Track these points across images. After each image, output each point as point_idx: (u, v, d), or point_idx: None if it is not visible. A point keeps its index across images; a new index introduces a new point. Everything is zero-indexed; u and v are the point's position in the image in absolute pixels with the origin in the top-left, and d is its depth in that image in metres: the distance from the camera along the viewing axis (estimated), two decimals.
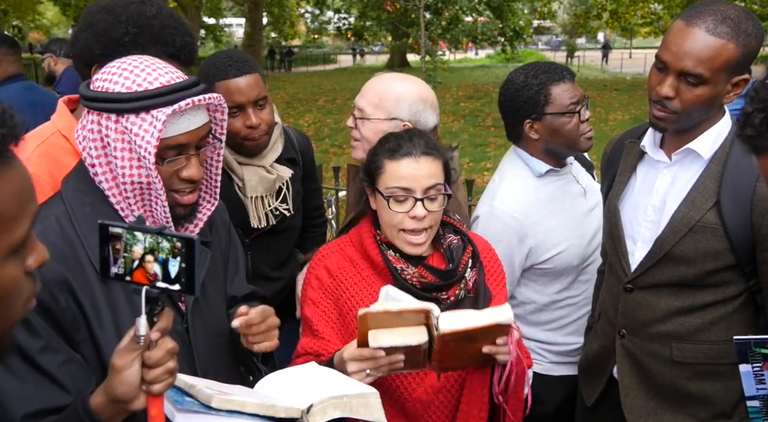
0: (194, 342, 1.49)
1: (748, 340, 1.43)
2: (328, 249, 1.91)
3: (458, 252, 1.83)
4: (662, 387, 1.91)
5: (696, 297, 1.82)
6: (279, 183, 2.36)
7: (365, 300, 1.79)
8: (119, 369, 1.12)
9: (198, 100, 1.37)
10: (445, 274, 1.79)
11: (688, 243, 1.77)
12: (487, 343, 1.58)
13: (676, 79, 1.71)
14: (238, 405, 1.28)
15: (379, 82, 2.19)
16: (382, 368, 1.58)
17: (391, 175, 1.74)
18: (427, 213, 1.74)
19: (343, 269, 1.84)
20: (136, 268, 1.12)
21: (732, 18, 1.66)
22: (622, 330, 1.95)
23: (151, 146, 1.32)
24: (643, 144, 1.93)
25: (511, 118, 2.27)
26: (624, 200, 1.98)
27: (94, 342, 1.35)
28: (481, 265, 1.85)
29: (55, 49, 5.36)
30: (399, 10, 12.59)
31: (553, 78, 2.19)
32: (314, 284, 1.86)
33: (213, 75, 2.20)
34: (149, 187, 1.38)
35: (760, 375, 1.44)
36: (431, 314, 1.53)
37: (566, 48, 39.37)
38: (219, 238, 1.65)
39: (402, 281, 1.76)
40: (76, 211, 1.38)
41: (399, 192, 1.73)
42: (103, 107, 1.35)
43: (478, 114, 16.07)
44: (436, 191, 1.75)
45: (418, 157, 1.74)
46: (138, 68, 1.37)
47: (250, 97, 2.19)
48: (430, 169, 1.74)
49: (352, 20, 37.45)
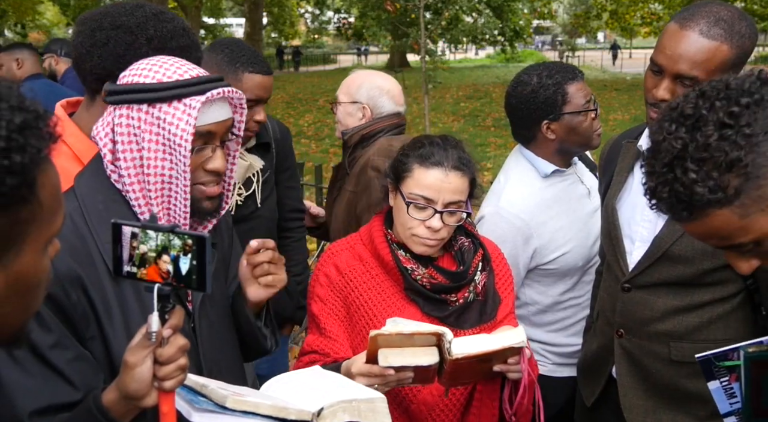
0: (201, 342, 1.51)
1: (709, 356, 1.39)
2: (338, 246, 1.91)
3: (469, 255, 1.82)
4: (661, 386, 1.92)
5: (694, 296, 1.83)
6: (249, 172, 2.42)
7: (374, 299, 1.79)
8: (131, 366, 1.14)
9: (228, 90, 1.41)
10: (455, 276, 1.78)
11: (686, 243, 1.79)
12: (499, 362, 1.59)
13: (672, 81, 1.72)
14: (252, 406, 1.29)
15: (351, 75, 2.64)
16: (391, 383, 1.58)
17: (417, 181, 1.73)
18: (443, 225, 1.73)
19: (352, 267, 1.84)
20: (149, 266, 1.14)
21: (725, 19, 1.67)
22: (620, 330, 1.96)
23: (187, 134, 1.35)
24: (640, 144, 1.94)
25: (527, 120, 2.25)
26: (621, 200, 1.99)
27: (103, 339, 1.36)
28: (491, 269, 1.85)
29: (56, 49, 5.42)
30: (399, 10, 12.60)
31: (568, 77, 2.20)
32: (323, 281, 1.85)
33: (243, 64, 2.27)
34: (171, 181, 1.39)
35: (729, 390, 1.41)
36: (444, 338, 1.54)
37: (564, 47, 39.30)
38: (222, 239, 1.67)
39: (412, 281, 1.76)
40: (89, 207, 1.40)
41: (420, 200, 1.72)
42: (133, 98, 1.37)
43: (478, 114, 16.08)
44: (457, 207, 1.74)
45: (448, 170, 1.72)
46: (167, 63, 1.41)
47: (267, 96, 2.36)
48: (457, 184, 1.73)
49: (352, 20, 37.41)
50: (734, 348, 1.37)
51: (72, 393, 1.26)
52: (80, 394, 1.27)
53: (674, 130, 1.10)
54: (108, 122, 1.42)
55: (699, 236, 1.17)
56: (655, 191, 1.13)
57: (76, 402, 1.25)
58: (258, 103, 2.32)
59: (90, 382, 1.29)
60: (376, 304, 1.79)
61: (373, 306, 1.79)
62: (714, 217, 1.09)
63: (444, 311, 1.77)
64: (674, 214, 1.14)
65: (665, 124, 1.13)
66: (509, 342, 1.53)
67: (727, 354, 1.37)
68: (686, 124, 1.10)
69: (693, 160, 1.07)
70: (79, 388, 1.27)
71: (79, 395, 1.26)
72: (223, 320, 1.62)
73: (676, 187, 1.09)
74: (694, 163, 1.07)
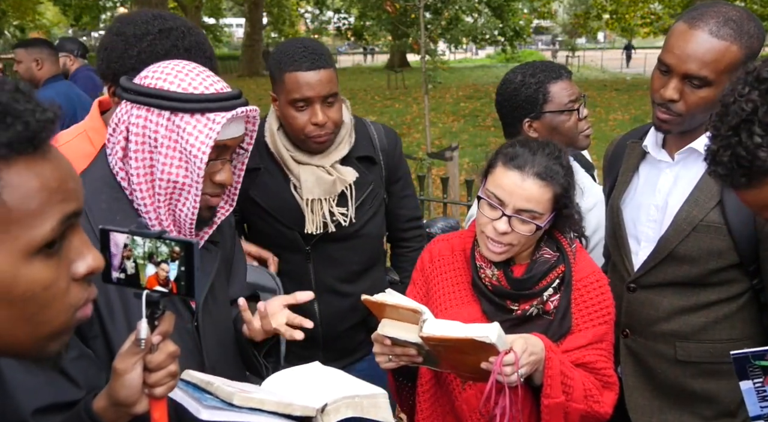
0: (204, 340, 1.51)
1: (746, 354, 1.31)
2: (443, 236, 1.95)
3: (543, 267, 1.73)
4: (666, 386, 1.92)
5: (700, 296, 1.83)
6: (341, 186, 2.16)
7: (446, 288, 1.82)
8: (121, 373, 1.13)
9: (249, 110, 1.43)
10: (517, 283, 1.72)
11: (692, 243, 1.78)
12: (483, 359, 1.52)
13: (680, 81, 1.72)
14: (258, 402, 1.29)
15: None
16: (402, 357, 1.60)
17: (495, 179, 1.69)
18: (510, 230, 1.66)
19: (442, 256, 1.87)
20: (136, 273, 1.12)
21: (734, 20, 1.67)
22: (626, 330, 1.96)
23: (206, 146, 1.37)
24: (645, 144, 1.94)
25: (509, 117, 2.27)
26: (627, 200, 1.98)
27: (106, 339, 1.36)
28: (569, 290, 1.74)
29: (72, 48, 5.52)
30: (399, 10, 12.58)
31: (551, 76, 2.19)
32: (418, 266, 1.92)
33: (284, 64, 2.06)
34: (182, 188, 1.41)
35: (762, 392, 1.33)
36: (420, 317, 1.53)
37: (556, 47, 39.21)
38: (224, 239, 1.67)
39: (477, 279, 1.75)
40: (92, 206, 1.40)
41: (493, 199, 1.68)
42: (156, 103, 1.37)
43: (478, 114, 16.07)
44: (530, 217, 1.66)
45: (528, 176, 1.64)
46: (193, 72, 1.42)
47: (320, 93, 2.05)
48: (533, 193, 1.64)
49: (352, 20, 37.43)
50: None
51: (75, 392, 1.26)
52: (83, 393, 1.26)
53: (747, 92, 1.08)
54: (123, 120, 1.41)
55: (753, 206, 1.14)
56: (716, 154, 1.10)
57: (79, 400, 1.24)
58: (310, 104, 2.06)
59: (93, 381, 1.29)
60: (446, 293, 1.82)
61: (444, 295, 1.82)
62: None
63: (502, 317, 1.71)
64: (732, 180, 1.10)
65: (738, 86, 1.10)
66: (472, 333, 1.47)
67: (765, 354, 1.31)
68: (760, 87, 1.07)
69: (761, 124, 1.04)
70: (82, 387, 1.27)
71: (82, 393, 1.26)
72: (227, 319, 1.62)
73: (738, 151, 1.06)
74: (762, 127, 1.04)
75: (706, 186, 1.78)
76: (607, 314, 1.77)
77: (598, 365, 1.73)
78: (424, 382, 1.83)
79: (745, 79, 1.10)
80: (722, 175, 1.12)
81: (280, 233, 2.21)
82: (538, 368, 1.60)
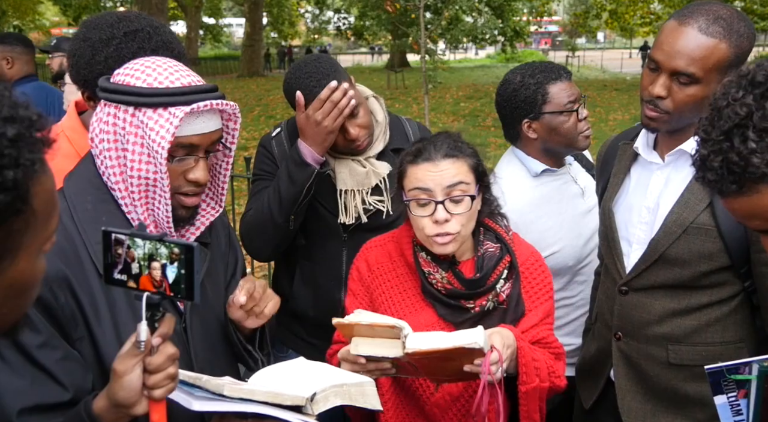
0: (192, 342, 1.50)
1: (720, 368, 1.29)
2: (373, 242, 1.93)
3: (491, 262, 1.77)
4: (659, 389, 1.91)
5: (691, 299, 1.82)
6: (376, 179, 2.22)
7: (395, 297, 1.81)
8: (120, 375, 1.14)
9: (216, 103, 1.39)
10: (471, 283, 1.74)
11: (683, 245, 1.78)
12: (467, 362, 1.54)
13: (669, 78, 1.71)
14: (248, 393, 1.31)
15: None
16: (375, 372, 1.59)
17: (411, 179, 1.71)
18: (450, 216, 1.67)
19: (380, 263, 1.86)
20: (140, 274, 1.13)
21: (724, 18, 1.67)
22: (618, 333, 1.95)
23: (165, 141, 1.33)
24: (636, 145, 1.93)
25: (508, 118, 2.27)
26: (618, 202, 1.98)
27: (92, 340, 1.35)
28: (518, 277, 1.79)
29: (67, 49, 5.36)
30: (399, 10, 12.59)
31: (550, 77, 2.19)
32: (354, 276, 1.90)
33: (300, 87, 2.10)
34: (155, 184, 1.39)
35: (736, 406, 1.32)
36: (401, 332, 1.53)
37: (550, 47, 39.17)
38: (218, 240, 1.66)
39: (428, 285, 1.75)
40: (77, 207, 1.39)
41: (420, 194, 1.69)
42: (121, 99, 1.37)
43: (478, 114, 16.07)
44: (461, 191, 1.67)
45: (438, 160, 1.69)
46: (161, 67, 1.39)
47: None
48: (451, 170, 1.68)
49: (352, 20, 37.45)
50: (747, 361, 1.30)
51: (61, 393, 1.26)
52: (69, 394, 1.26)
53: (741, 96, 1.04)
54: (99, 118, 1.41)
55: (741, 214, 1.10)
56: (706, 160, 1.06)
57: (65, 402, 1.25)
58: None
59: (79, 382, 1.29)
60: (396, 302, 1.81)
61: (393, 304, 1.81)
62: (764, 195, 1.02)
63: (460, 317, 1.74)
64: (721, 187, 1.07)
65: (732, 89, 1.06)
66: (461, 342, 1.48)
67: (739, 368, 1.29)
68: (755, 91, 1.03)
69: (756, 129, 1.01)
70: (68, 388, 1.27)
71: (68, 395, 1.26)
72: (218, 320, 1.61)
73: (730, 157, 1.02)
74: (756, 132, 1.01)
75: (697, 188, 1.77)
76: (550, 289, 1.86)
77: (549, 339, 1.82)
78: (384, 392, 1.81)
79: (738, 82, 1.07)
80: (711, 181, 1.08)
81: (321, 217, 2.26)
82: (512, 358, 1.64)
